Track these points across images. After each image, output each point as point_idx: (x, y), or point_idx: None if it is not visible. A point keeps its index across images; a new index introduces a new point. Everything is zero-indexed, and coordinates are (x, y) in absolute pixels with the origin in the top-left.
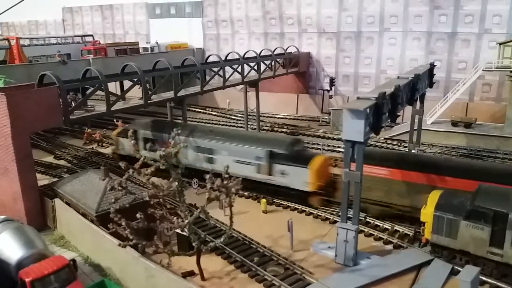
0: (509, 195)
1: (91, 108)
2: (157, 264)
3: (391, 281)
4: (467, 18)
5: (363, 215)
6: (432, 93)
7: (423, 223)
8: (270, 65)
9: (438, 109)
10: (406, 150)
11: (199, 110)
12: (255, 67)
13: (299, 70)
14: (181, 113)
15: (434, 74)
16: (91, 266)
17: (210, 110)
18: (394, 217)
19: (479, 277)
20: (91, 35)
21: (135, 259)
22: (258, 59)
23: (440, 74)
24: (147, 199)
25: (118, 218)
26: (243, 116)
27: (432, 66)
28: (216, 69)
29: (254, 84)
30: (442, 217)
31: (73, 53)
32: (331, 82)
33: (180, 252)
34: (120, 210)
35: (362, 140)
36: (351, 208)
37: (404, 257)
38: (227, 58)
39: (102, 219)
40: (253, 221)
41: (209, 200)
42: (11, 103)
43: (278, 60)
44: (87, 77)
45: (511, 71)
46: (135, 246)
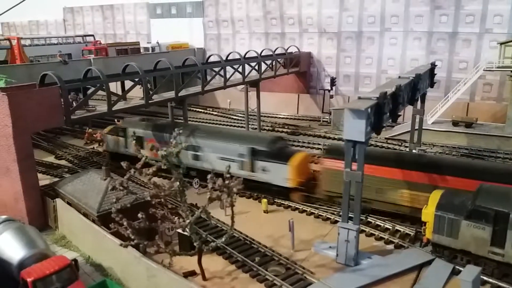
0: (510, 194)
1: (92, 108)
2: (158, 264)
3: (392, 281)
4: (468, 18)
5: (364, 215)
6: (433, 93)
7: (424, 223)
8: (271, 65)
9: (439, 109)
10: (407, 150)
11: (200, 110)
12: (256, 67)
13: (300, 70)
14: (182, 113)
15: (435, 74)
16: (92, 266)
17: (211, 110)
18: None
19: (480, 277)
20: (92, 35)
21: (136, 259)
22: (259, 59)
23: (441, 74)
24: (148, 199)
25: (120, 218)
26: (244, 116)
27: (433, 66)
28: (217, 69)
29: (255, 84)
30: (443, 216)
31: (74, 53)
32: (332, 82)
33: (182, 252)
34: (122, 210)
35: (363, 140)
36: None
37: (405, 257)
38: (228, 58)
39: (104, 219)
40: (254, 221)
41: (211, 200)
42: (12, 103)
43: (279, 60)
44: (88, 77)
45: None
46: (136, 246)
